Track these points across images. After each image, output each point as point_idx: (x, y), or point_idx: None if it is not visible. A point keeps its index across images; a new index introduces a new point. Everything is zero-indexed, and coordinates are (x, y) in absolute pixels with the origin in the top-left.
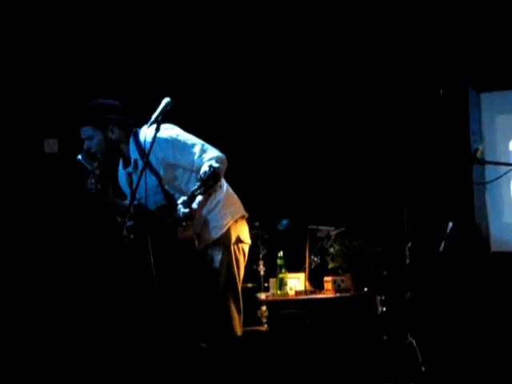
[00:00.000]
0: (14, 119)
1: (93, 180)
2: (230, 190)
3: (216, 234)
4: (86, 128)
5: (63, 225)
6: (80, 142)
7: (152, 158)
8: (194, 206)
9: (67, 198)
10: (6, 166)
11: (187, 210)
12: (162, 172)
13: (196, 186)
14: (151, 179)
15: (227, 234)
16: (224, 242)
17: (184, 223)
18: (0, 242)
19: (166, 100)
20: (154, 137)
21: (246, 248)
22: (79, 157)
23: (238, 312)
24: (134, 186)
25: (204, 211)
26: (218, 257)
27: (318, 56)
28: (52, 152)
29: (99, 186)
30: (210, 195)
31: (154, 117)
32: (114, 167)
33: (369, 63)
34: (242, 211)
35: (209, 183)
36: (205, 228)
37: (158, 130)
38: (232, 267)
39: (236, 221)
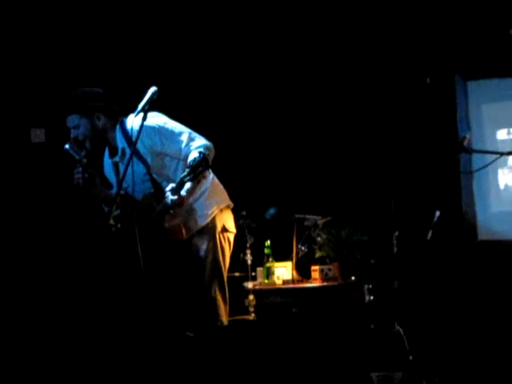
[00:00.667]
0: (0, 109)
1: (80, 169)
2: (216, 180)
3: (201, 222)
4: (72, 116)
5: (50, 215)
6: (67, 132)
7: (140, 147)
8: (183, 192)
9: (54, 188)
10: None
11: (176, 197)
12: (149, 160)
13: (185, 173)
14: (139, 167)
15: (212, 223)
16: (209, 230)
17: (172, 211)
18: None
19: (152, 89)
20: (141, 125)
21: (232, 237)
22: (66, 146)
23: (224, 301)
24: (121, 175)
25: (190, 200)
26: (203, 246)
27: (302, 45)
28: (39, 141)
29: (86, 175)
30: (198, 182)
31: (140, 106)
32: (100, 156)
33: (355, 52)
34: (227, 201)
35: (198, 169)
36: (190, 217)
37: (144, 119)
38: (217, 256)
39: (221, 210)
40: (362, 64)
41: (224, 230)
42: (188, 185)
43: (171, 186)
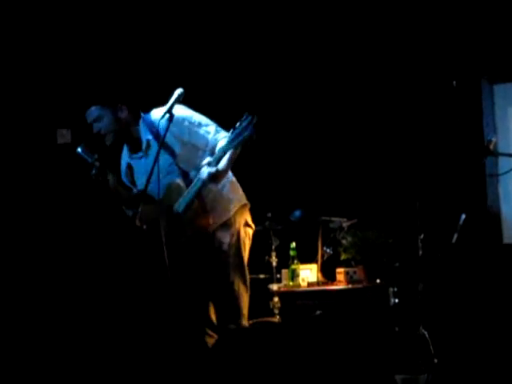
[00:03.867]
0: (27, 110)
1: (94, 172)
2: (234, 179)
3: (225, 216)
4: (93, 108)
5: (76, 215)
6: (93, 133)
7: (167, 136)
8: (221, 166)
9: (80, 188)
10: (19, 156)
11: (214, 170)
12: (177, 149)
13: (231, 136)
14: (165, 158)
15: (235, 217)
16: (232, 225)
17: (209, 185)
18: (13, 232)
19: (178, 91)
20: (168, 125)
21: (251, 232)
22: (78, 149)
23: (246, 292)
24: (139, 171)
25: (210, 195)
26: (226, 239)
27: (330, 48)
28: (65, 142)
29: (100, 179)
30: (236, 155)
31: (167, 107)
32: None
33: (383, 55)
34: (245, 199)
35: (244, 134)
36: (214, 210)
37: (171, 120)
38: (240, 250)
39: (242, 206)
40: (389, 67)
41: (246, 224)
42: (225, 160)
43: (208, 159)
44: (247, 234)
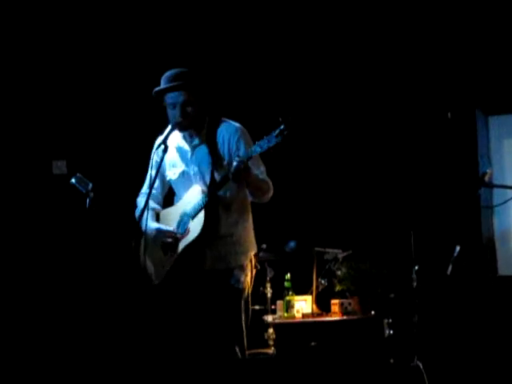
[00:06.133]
0: (23, 140)
1: (88, 203)
2: None
3: (245, 260)
4: (181, 92)
5: (71, 246)
6: (88, 163)
7: (218, 140)
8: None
9: (76, 220)
10: (14, 187)
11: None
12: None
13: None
14: (207, 158)
15: (251, 261)
16: (248, 266)
17: (237, 175)
18: (8, 263)
19: None
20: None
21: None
22: (73, 180)
23: (246, 332)
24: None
25: (237, 231)
26: (242, 279)
27: (324, 77)
28: (60, 173)
29: (94, 209)
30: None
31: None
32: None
33: (378, 86)
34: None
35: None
36: (233, 248)
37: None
38: (249, 292)
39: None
40: (383, 98)
41: (255, 266)
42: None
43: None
44: (253, 277)
